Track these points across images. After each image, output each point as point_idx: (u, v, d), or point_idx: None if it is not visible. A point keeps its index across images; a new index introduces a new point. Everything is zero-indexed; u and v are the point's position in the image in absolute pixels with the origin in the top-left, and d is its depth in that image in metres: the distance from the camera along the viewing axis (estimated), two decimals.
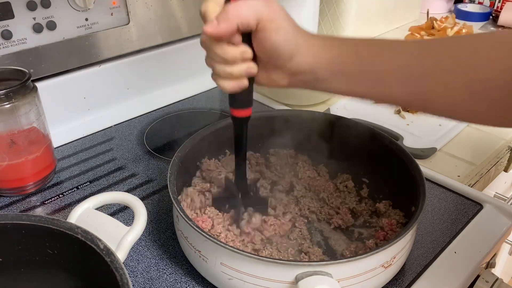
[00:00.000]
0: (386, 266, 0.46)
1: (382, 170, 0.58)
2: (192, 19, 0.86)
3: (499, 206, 0.60)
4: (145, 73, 0.84)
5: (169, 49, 0.86)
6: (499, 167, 0.75)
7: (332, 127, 0.63)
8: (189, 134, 0.60)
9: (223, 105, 0.88)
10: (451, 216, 0.59)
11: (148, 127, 0.80)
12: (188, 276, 0.51)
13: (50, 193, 0.64)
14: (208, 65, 0.45)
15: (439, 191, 0.64)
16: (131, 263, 0.52)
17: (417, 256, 0.53)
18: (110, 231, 0.44)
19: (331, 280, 0.41)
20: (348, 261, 0.43)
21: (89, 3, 0.70)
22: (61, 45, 0.71)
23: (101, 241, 0.37)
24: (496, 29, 1.29)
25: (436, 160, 0.71)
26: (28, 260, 0.40)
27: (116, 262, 0.35)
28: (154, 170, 0.68)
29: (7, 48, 0.66)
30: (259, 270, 0.43)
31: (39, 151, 0.62)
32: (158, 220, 0.59)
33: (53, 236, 0.38)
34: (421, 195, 0.49)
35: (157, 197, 0.63)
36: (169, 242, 0.55)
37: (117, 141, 0.76)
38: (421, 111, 0.43)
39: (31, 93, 0.59)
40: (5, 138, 0.59)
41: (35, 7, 0.66)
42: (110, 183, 0.66)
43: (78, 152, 0.73)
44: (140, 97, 0.85)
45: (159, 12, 0.80)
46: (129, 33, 0.78)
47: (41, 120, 0.62)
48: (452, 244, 0.55)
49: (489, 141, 0.76)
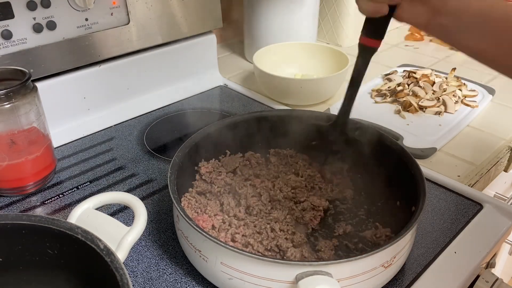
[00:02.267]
0: (386, 266, 0.46)
1: (382, 170, 0.58)
2: (192, 19, 0.86)
3: (499, 206, 0.60)
4: (145, 73, 0.84)
5: (169, 49, 0.86)
6: (499, 167, 0.75)
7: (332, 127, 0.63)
8: (189, 134, 0.60)
9: (223, 105, 0.88)
10: (451, 216, 0.59)
11: (148, 127, 0.80)
12: (188, 276, 0.51)
13: (50, 193, 0.64)
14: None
15: (439, 191, 0.64)
16: (131, 263, 0.52)
17: (417, 256, 0.53)
18: (110, 231, 0.44)
19: (331, 280, 0.41)
20: (348, 261, 0.43)
21: (89, 3, 0.70)
22: (61, 45, 0.71)
23: (101, 241, 0.37)
24: None
25: (436, 160, 0.71)
26: (28, 260, 0.40)
27: (116, 262, 0.35)
28: (154, 170, 0.68)
29: (7, 48, 0.66)
30: (259, 269, 0.43)
31: (39, 151, 0.62)
32: (158, 220, 0.59)
33: (53, 236, 0.38)
34: (421, 195, 0.49)
35: (157, 197, 0.63)
36: (169, 242, 0.55)
37: (117, 141, 0.76)
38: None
39: (31, 93, 0.59)
40: (5, 138, 0.59)
41: (35, 7, 0.66)
42: (110, 183, 0.66)
43: (78, 152, 0.73)
44: (140, 97, 0.85)
45: (159, 12, 0.80)
46: (129, 33, 0.78)
47: (41, 120, 0.62)
48: (452, 244, 0.55)
49: (489, 141, 0.76)
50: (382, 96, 0.88)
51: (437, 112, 0.82)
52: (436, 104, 0.83)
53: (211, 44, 0.92)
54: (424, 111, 0.83)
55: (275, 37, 0.99)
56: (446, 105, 0.83)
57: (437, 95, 0.85)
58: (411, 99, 0.84)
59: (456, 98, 0.85)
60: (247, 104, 0.88)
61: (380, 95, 0.89)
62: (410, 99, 0.84)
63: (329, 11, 1.14)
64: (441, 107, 0.83)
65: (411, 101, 0.83)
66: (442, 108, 0.83)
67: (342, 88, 0.93)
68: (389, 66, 1.03)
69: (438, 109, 0.82)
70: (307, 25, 1.02)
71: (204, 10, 0.87)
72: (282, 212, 0.55)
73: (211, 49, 0.93)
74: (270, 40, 1.00)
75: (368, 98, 0.89)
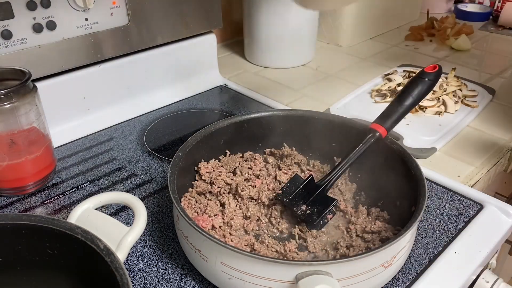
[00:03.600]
0: (386, 265, 0.46)
1: (382, 169, 0.58)
2: (192, 19, 0.86)
3: (499, 206, 0.60)
4: (145, 73, 0.84)
5: (169, 49, 0.86)
6: (499, 167, 0.75)
7: (332, 126, 0.63)
8: (189, 134, 0.60)
9: (223, 105, 0.88)
10: (451, 216, 0.59)
11: (148, 127, 0.80)
12: (188, 276, 0.51)
13: (50, 193, 0.64)
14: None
15: (439, 191, 0.64)
16: (131, 263, 0.52)
17: (417, 256, 0.53)
18: (110, 231, 0.44)
19: (331, 280, 0.41)
20: (348, 260, 0.43)
21: (89, 3, 0.70)
22: (61, 45, 0.71)
23: (101, 241, 0.37)
24: (496, 29, 1.29)
25: (436, 160, 0.71)
26: (28, 260, 0.40)
27: (116, 262, 0.35)
28: (154, 170, 0.68)
29: (7, 48, 0.66)
30: (259, 269, 0.43)
31: (39, 151, 0.62)
32: (158, 220, 0.59)
33: (53, 236, 0.38)
34: (421, 195, 0.49)
35: (157, 197, 0.63)
36: (169, 242, 0.55)
37: (117, 141, 0.76)
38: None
39: (31, 93, 0.60)
40: (5, 138, 0.59)
41: (35, 7, 0.66)
42: (110, 183, 0.66)
43: (78, 152, 0.73)
44: (140, 97, 0.85)
45: (159, 12, 0.80)
46: (129, 33, 0.78)
47: (41, 120, 0.62)
48: (452, 244, 0.55)
49: (489, 141, 0.76)
50: (382, 96, 0.88)
51: (437, 112, 0.82)
52: (436, 104, 0.83)
53: (211, 44, 0.92)
54: (424, 111, 0.83)
55: (275, 37, 0.99)
56: (446, 105, 0.83)
57: (437, 95, 0.85)
58: None
59: (456, 98, 0.85)
60: (247, 104, 0.88)
61: (380, 95, 0.89)
62: None
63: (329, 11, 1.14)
64: (441, 107, 0.83)
65: None
66: (442, 108, 0.83)
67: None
68: (389, 66, 1.03)
69: (438, 109, 0.83)
70: (307, 25, 1.02)
71: (204, 10, 0.87)
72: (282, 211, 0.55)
73: (211, 49, 0.93)
74: (270, 40, 1.00)
75: (368, 98, 0.89)
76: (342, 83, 0.97)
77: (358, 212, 0.57)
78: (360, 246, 0.51)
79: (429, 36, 1.24)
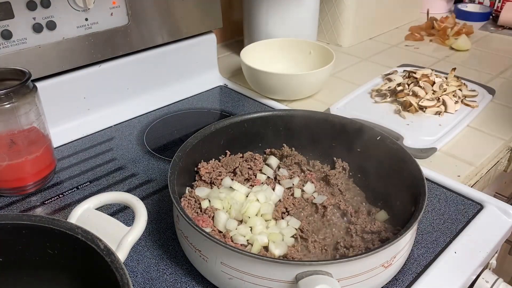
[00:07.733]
0: (386, 265, 0.46)
1: (382, 170, 0.58)
2: (192, 19, 0.86)
3: (499, 206, 0.60)
4: (145, 73, 0.84)
5: (169, 49, 0.86)
6: (499, 167, 0.75)
7: (332, 126, 0.63)
8: (189, 134, 0.60)
9: (223, 105, 0.88)
10: (451, 216, 0.60)
11: (148, 127, 0.80)
12: (188, 276, 0.51)
13: (50, 193, 0.64)
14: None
15: (439, 191, 0.64)
16: (131, 263, 0.52)
17: (417, 256, 0.53)
18: (110, 231, 0.44)
19: (331, 280, 0.41)
20: (348, 260, 0.43)
21: (89, 3, 0.70)
22: (61, 45, 0.71)
23: (101, 241, 0.37)
24: (496, 29, 1.29)
25: (436, 160, 0.71)
26: (28, 260, 0.40)
27: (117, 262, 0.35)
28: (154, 170, 0.68)
29: (7, 48, 0.66)
30: (259, 269, 0.43)
31: (39, 151, 0.62)
32: (158, 220, 0.59)
33: (53, 236, 0.38)
34: (421, 195, 0.49)
35: (157, 197, 0.63)
36: (169, 242, 0.55)
37: (117, 141, 0.76)
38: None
39: (31, 93, 0.60)
40: (5, 138, 0.59)
41: (35, 7, 0.66)
42: (110, 183, 0.66)
43: (78, 152, 0.73)
44: (140, 97, 0.85)
45: (159, 12, 0.80)
46: (129, 33, 0.78)
47: (41, 120, 0.62)
48: (452, 244, 0.55)
49: (489, 141, 0.76)
50: (382, 96, 0.88)
51: (437, 112, 0.82)
52: (436, 104, 0.83)
53: (211, 44, 0.92)
54: (424, 111, 0.83)
55: (275, 37, 0.99)
56: (446, 105, 0.83)
57: (437, 95, 0.85)
58: (411, 99, 0.84)
59: (456, 98, 0.85)
60: (247, 104, 0.88)
61: (380, 95, 0.89)
62: (410, 99, 0.84)
63: (329, 11, 1.14)
64: (441, 107, 0.83)
65: (411, 101, 0.83)
66: (442, 108, 0.83)
67: (329, 83, 0.93)
68: (389, 66, 1.03)
69: (438, 109, 0.83)
70: (307, 25, 1.02)
71: (204, 10, 0.87)
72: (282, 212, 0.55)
73: (211, 49, 0.93)
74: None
75: (368, 98, 0.89)
76: (342, 83, 0.97)
77: (358, 212, 0.57)
78: (360, 246, 0.51)
79: (429, 36, 1.24)
